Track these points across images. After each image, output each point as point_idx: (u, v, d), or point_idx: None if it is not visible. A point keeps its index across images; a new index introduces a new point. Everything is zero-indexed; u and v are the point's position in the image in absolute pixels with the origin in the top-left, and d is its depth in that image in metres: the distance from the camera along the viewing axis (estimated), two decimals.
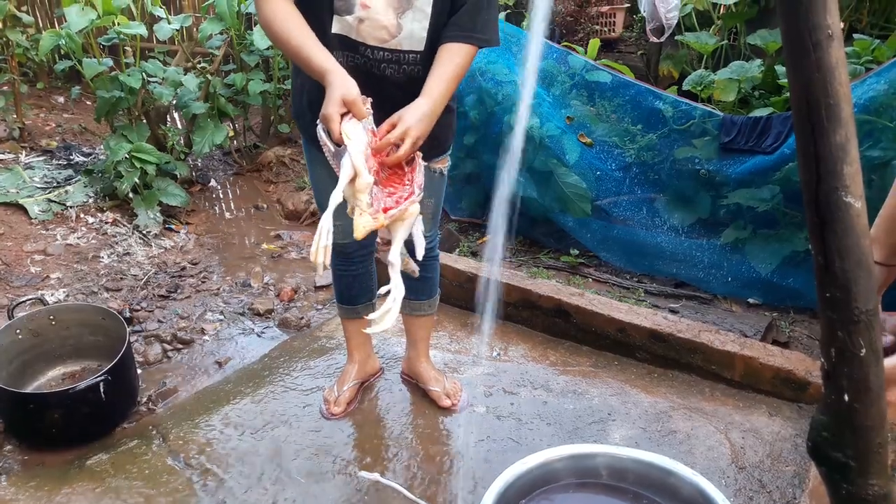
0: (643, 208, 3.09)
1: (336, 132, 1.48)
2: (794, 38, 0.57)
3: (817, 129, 0.56)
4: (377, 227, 1.48)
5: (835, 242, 0.55)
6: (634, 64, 4.12)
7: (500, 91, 3.23)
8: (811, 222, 0.57)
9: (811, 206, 0.56)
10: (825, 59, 0.56)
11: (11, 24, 4.24)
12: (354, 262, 2.15)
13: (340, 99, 1.49)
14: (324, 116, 1.50)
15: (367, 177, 1.45)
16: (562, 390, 2.35)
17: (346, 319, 2.29)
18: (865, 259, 0.55)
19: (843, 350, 0.57)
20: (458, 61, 1.68)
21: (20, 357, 2.36)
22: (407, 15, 1.65)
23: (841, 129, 0.56)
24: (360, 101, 1.51)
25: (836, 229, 0.55)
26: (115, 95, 3.70)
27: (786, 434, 2.11)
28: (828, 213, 0.55)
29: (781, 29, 0.58)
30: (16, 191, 3.70)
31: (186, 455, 2.08)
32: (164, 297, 3.08)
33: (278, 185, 4.37)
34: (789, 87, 0.57)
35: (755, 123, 2.69)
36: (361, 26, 1.65)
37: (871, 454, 0.60)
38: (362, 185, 1.45)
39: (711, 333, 2.39)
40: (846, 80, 0.56)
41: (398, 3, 1.63)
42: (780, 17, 0.57)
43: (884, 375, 0.57)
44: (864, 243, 0.56)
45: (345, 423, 2.22)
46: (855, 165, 0.56)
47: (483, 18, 1.70)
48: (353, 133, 1.48)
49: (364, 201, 1.46)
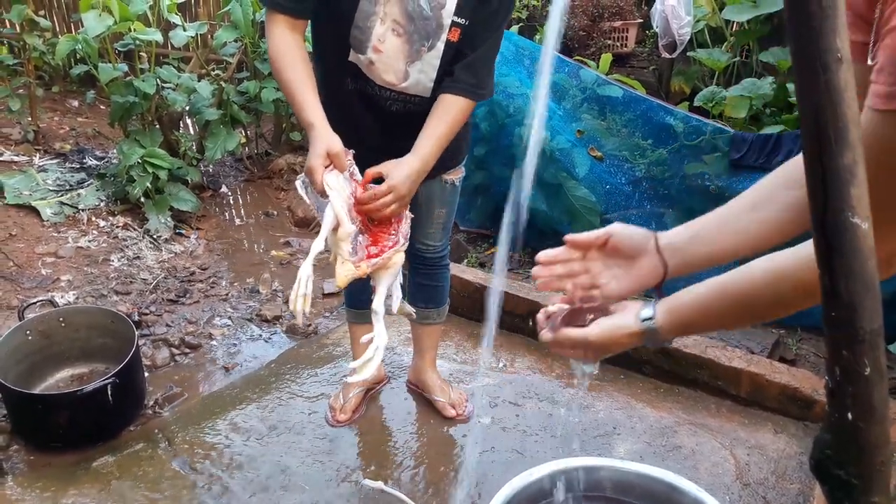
0: (652, 223, 3.09)
1: (318, 184, 1.53)
2: (803, 60, 0.58)
3: (825, 152, 0.57)
4: (359, 276, 1.52)
5: (841, 264, 0.56)
6: (646, 79, 4.14)
7: (511, 103, 3.24)
8: (818, 243, 0.57)
9: (818, 228, 0.57)
10: (834, 81, 0.57)
11: (29, 28, 4.30)
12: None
13: (325, 152, 1.54)
14: (308, 168, 1.55)
15: (349, 226, 1.51)
16: (567, 403, 2.35)
17: (353, 325, 2.30)
18: (871, 280, 0.56)
19: (847, 369, 0.57)
20: (455, 116, 1.72)
21: (29, 358, 2.38)
22: (415, 65, 1.70)
23: (849, 152, 0.57)
24: (342, 155, 1.56)
25: (842, 251, 0.56)
26: (130, 100, 3.73)
27: (791, 452, 2.10)
28: (834, 235, 0.56)
29: (791, 51, 0.58)
30: (29, 193, 3.73)
31: (192, 459, 2.09)
32: (173, 302, 3.10)
33: (289, 193, 4.39)
34: (798, 109, 0.58)
35: (766, 141, 2.69)
36: (372, 67, 1.70)
37: (874, 473, 0.60)
38: (343, 235, 1.50)
39: (718, 349, 2.38)
40: (854, 102, 0.57)
41: (409, 54, 1.68)
42: (788, 40, 0.58)
43: (887, 395, 0.57)
44: (871, 264, 0.56)
45: (350, 431, 2.22)
46: (862, 188, 0.56)
47: (484, 73, 1.76)
48: (334, 184, 1.53)
49: (345, 250, 1.51)
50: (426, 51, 1.68)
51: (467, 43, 1.70)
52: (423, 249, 2.10)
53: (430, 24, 1.65)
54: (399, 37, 1.65)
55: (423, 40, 1.67)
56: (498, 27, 1.75)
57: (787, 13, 0.58)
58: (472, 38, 1.70)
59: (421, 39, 1.66)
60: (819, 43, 0.56)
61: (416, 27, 1.64)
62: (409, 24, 1.64)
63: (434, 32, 1.66)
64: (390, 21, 1.63)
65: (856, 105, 0.58)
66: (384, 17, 1.63)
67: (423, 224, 2.02)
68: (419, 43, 1.67)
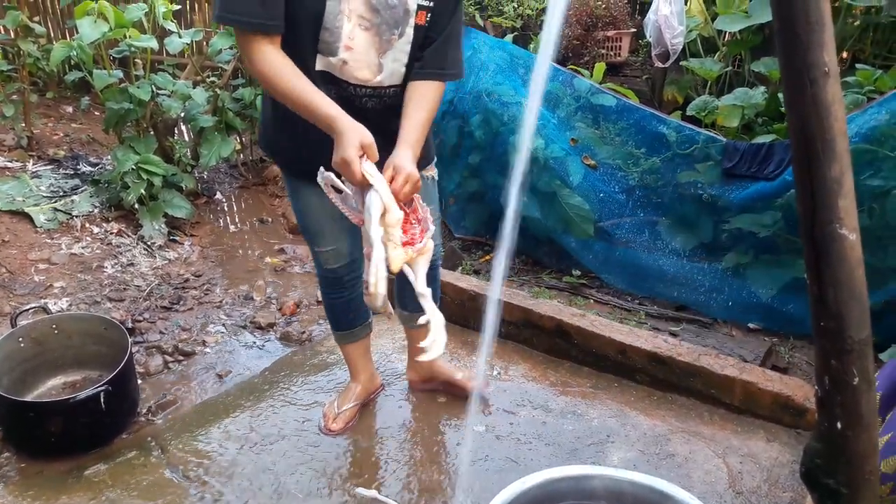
0: (645, 231, 3.10)
1: (358, 174, 1.51)
2: (792, 74, 0.59)
3: (813, 163, 0.58)
4: (408, 260, 1.52)
5: (829, 274, 0.57)
6: (639, 88, 4.16)
7: (505, 112, 3.26)
8: (807, 254, 0.58)
9: (807, 238, 0.58)
10: (822, 95, 0.58)
11: (24, 33, 4.30)
12: (347, 287, 2.16)
13: (359, 142, 1.53)
14: (343, 160, 1.52)
15: (398, 212, 1.51)
16: (561, 411, 2.36)
17: (344, 345, 2.30)
18: (859, 290, 0.57)
19: (836, 378, 0.58)
20: (431, 103, 1.76)
21: (21, 365, 2.37)
22: (388, 55, 1.71)
23: (836, 164, 0.58)
24: (374, 144, 1.55)
25: (830, 261, 0.57)
26: (124, 107, 3.73)
27: (783, 460, 2.11)
28: (822, 245, 0.57)
29: (780, 65, 0.59)
30: (22, 199, 3.72)
31: (185, 467, 2.08)
32: (167, 309, 3.10)
33: (283, 200, 4.39)
34: (787, 121, 0.59)
35: (758, 150, 2.71)
36: (345, 67, 1.69)
37: (862, 481, 0.61)
38: (394, 220, 1.50)
39: (711, 357, 2.39)
40: (842, 115, 0.58)
41: (380, 45, 1.68)
42: (778, 54, 0.59)
43: (875, 404, 0.58)
44: (858, 275, 0.57)
45: (343, 440, 2.22)
46: (850, 199, 0.57)
47: (452, 55, 1.79)
48: (374, 172, 1.53)
49: (397, 236, 1.50)
50: (396, 38, 1.69)
51: (434, 24, 1.72)
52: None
53: (398, 12, 1.66)
54: (367, 30, 1.65)
55: (393, 29, 1.67)
56: (458, 3, 1.77)
57: (776, 28, 0.59)
58: (438, 19, 1.72)
59: (390, 29, 1.67)
60: (807, 57, 0.57)
61: (382, 18, 1.65)
62: (375, 16, 1.64)
63: (402, 19, 1.67)
64: (356, 17, 1.63)
65: (843, 118, 0.59)
66: (349, 14, 1.62)
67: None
68: (388, 32, 1.67)
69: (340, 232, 2.00)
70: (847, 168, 0.58)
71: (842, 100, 0.59)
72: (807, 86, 0.59)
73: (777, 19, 0.58)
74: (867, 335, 0.58)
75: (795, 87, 0.60)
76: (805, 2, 0.56)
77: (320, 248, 2.04)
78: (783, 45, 0.59)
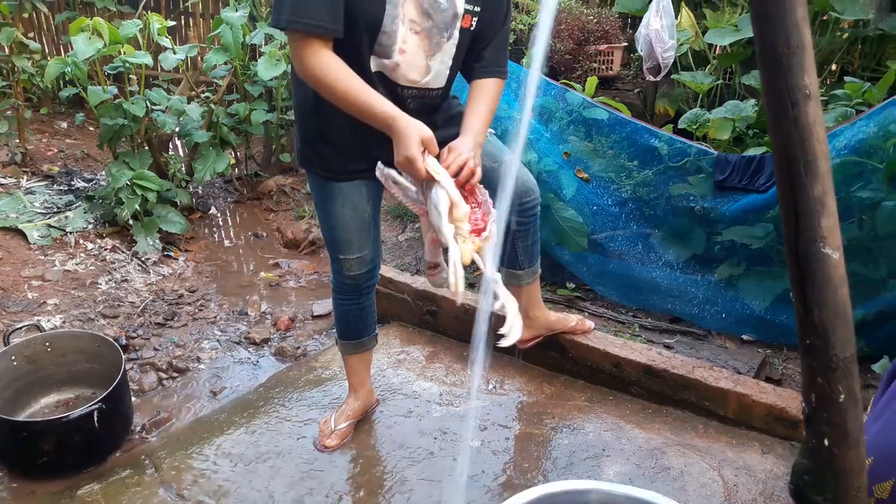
0: (639, 243, 3.11)
1: (422, 171, 1.56)
2: (775, 97, 0.60)
3: (797, 184, 0.59)
4: (476, 249, 1.54)
5: (813, 293, 0.58)
6: (631, 102, 4.19)
7: (498, 126, 3.27)
8: (792, 273, 0.59)
9: (792, 258, 0.59)
10: (803, 117, 0.59)
11: (18, 50, 4.31)
12: (363, 294, 2.17)
13: (420, 139, 1.57)
14: (406, 159, 1.57)
15: (465, 206, 1.54)
16: (557, 425, 2.36)
17: (350, 356, 2.29)
18: (843, 309, 0.58)
19: (822, 395, 0.59)
20: (493, 98, 1.86)
21: (14, 384, 2.36)
22: (436, 58, 1.77)
23: (819, 184, 0.59)
24: (434, 139, 1.60)
25: (814, 281, 0.57)
26: (119, 123, 3.75)
27: (778, 472, 2.11)
28: (807, 265, 0.58)
29: (763, 89, 0.61)
30: (16, 215, 3.72)
31: (179, 486, 2.07)
32: (161, 325, 3.09)
33: (278, 214, 4.40)
34: (771, 143, 0.60)
35: (749, 162, 2.72)
36: (397, 69, 1.74)
37: (849, 498, 0.61)
38: (462, 214, 1.53)
39: (705, 370, 2.40)
40: (823, 137, 0.59)
41: (429, 48, 1.74)
42: (761, 78, 0.60)
43: (861, 421, 0.58)
44: (842, 293, 0.58)
45: (339, 456, 2.21)
46: (833, 219, 0.58)
47: (505, 51, 1.91)
48: (438, 167, 1.56)
49: (465, 228, 1.53)
50: (445, 41, 1.75)
51: (484, 27, 1.80)
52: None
53: (448, 16, 1.71)
54: (417, 34, 1.70)
55: (442, 32, 1.73)
56: (507, 5, 1.84)
57: (758, 52, 0.60)
58: (490, 22, 1.80)
59: (440, 32, 1.72)
60: (788, 80, 0.58)
61: (433, 22, 1.70)
62: (426, 20, 1.69)
63: (451, 23, 1.72)
64: (408, 21, 1.68)
65: (825, 139, 0.60)
66: (403, 18, 1.67)
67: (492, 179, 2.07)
68: (438, 36, 1.73)
69: (366, 240, 2.04)
70: (829, 188, 0.59)
71: (823, 121, 0.60)
72: (789, 108, 0.60)
73: (759, 44, 0.59)
74: (852, 353, 0.58)
75: (778, 110, 0.61)
76: (785, 27, 0.57)
77: (346, 256, 2.05)
78: (765, 68, 0.60)
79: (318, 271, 3.69)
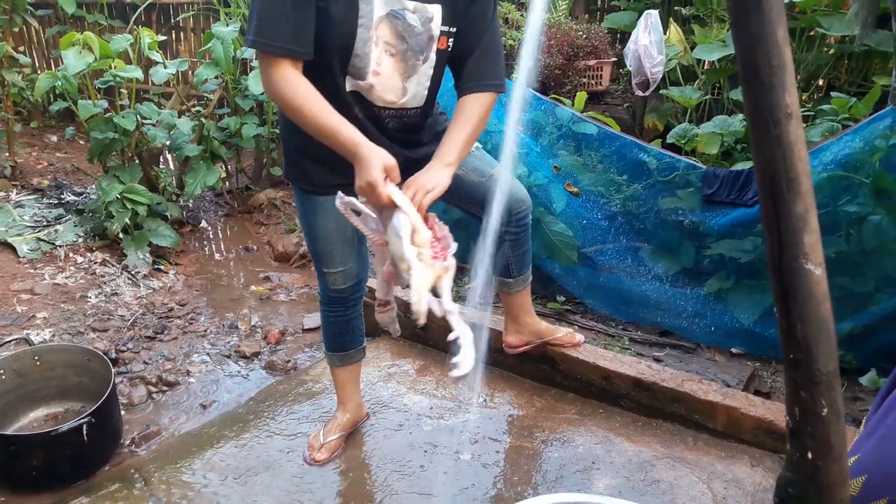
0: (628, 257, 3.13)
1: (384, 197, 1.55)
2: (758, 116, 0.62)
3: (779, 201, 0.60)
4: (436, 277, 1.53)
5: (796, 309, 0.59)
6: (620, 116, 4.22)
7: (489, 140, 3.29)
8: (775, 289, 0.60)
9: (775, 274, 0.60)
10: (784, 136, 0.61)
11: (8, 64, 4.31)
12: (349, 307, 2.18)
13: (383, 165, 1.56)
14: (368, 184, 1.55)
15: (426, 231, 1.53)
16: (547, 438, 2.36)
17: (338, 368, 2.29)
18: (825, 323, 0.59)
19: (806, 409, 0.60)
20: (474, 118, 1.79)
21: (3, 398, 2.35)
22: (412, 80, 1.77)
23: (801, 201, 0.60)
24: (396, 166, 1.59)
25: (797, 296, 0.59)
26: (109, 136, 3.74)
27: (767, 485, 2.12)
28: (790, 281, 0.59)
29: (745, 108, 0.62)
30: (5, 229, 3.71)
31: (168, 500, 2.06)
32: (151, 339, 3.08)
33: (269, 227, 4.40)
34: (754, 162, 0.62)
35: (737, 177, 2.75)
36: (373, 90, 1.74)
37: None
38: (423, 240, 1.52)
39: (694, 383, 2.41)
40: (805, 155, 0.61)
41: (405, 70, 1.74)
42: (744, 98, 0.61)
43: (844, 434, 0.59)
44: (824, 308, 0.59)
45: (328, 470, 2.21)
46: (815, 235, 0.60)
47: (491, 67, 1.82)
48: (399, 194, 1.56)
49: (427, 255, 1.52)
50: (421, 63, 1.75)
51: (462, 48, 1.78)
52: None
53: (423, 38, 1.71)
54: (393, 56, 1.71)
55: (418, 55, 1.73)
56: (490, 17, 1.79)
57: (740, 73, 0.61)
58: (468, 37, 1.77)
59: (416, 55, 1.73)
60: (770, 99, 0.60)
61: (408, 45, 1.70)
62: (401, 43, 1.69)
63: (426, 45, 1.73)
64: (383, 43, 1.68)
65: (806, 157, 0.62)
66: (377, 41, 1.67)
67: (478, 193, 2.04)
68: (413, 58, 1.73)
69: (350, 254, 2.04)
70: (811, 206, 0.61)
71: (804, 140, 0.61)
72: (771, 127, 0.62)
73: (741, 65, 0.60)
74: (835, 367, 0.60)
75: (761, 129, 0.62)
76: (767, 48, 0.59)
77: (329, 270, 2.06)
78: (748, 89, 0.62)
79: (308, 284, 3.69)
